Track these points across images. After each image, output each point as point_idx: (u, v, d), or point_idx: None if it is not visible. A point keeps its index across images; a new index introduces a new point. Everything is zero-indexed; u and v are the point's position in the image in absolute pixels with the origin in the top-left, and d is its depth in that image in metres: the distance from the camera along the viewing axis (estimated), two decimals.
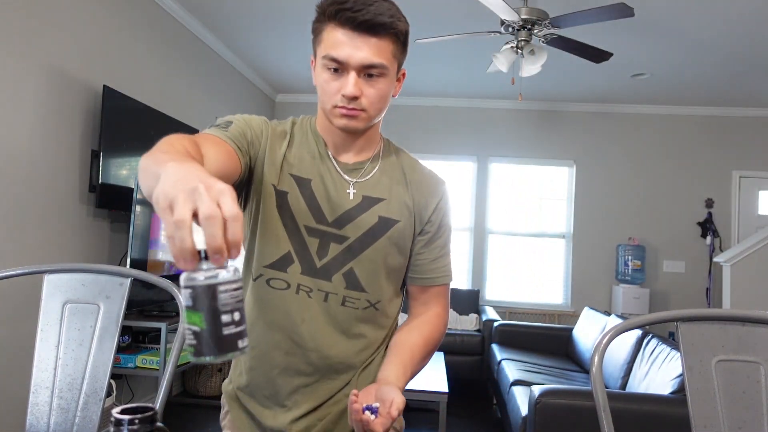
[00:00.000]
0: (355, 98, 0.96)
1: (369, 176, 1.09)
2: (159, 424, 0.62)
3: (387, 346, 1.11)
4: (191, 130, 3.83)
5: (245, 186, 1.05)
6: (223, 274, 0.56)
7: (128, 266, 2.86)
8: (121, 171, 3.07)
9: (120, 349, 2.99)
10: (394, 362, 1.03)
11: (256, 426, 1.10)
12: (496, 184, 5.73)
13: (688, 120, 5.58)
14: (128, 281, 1.13)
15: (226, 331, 0.57)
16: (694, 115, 5.57)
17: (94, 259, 3.02)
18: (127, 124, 3.12)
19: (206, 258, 0.56)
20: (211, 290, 0.56)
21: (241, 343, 0.58)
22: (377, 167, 1.10)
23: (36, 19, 2.55)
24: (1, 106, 2.39)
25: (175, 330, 2.97)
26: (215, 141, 0.95)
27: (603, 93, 5.28)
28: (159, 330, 2.97)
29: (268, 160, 1.05)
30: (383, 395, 0.92)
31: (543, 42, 3.38)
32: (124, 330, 3.09)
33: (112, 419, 0.60)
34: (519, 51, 3.29)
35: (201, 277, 0.56)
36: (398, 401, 0.89)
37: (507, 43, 3.35)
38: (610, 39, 3.86)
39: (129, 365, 2.92)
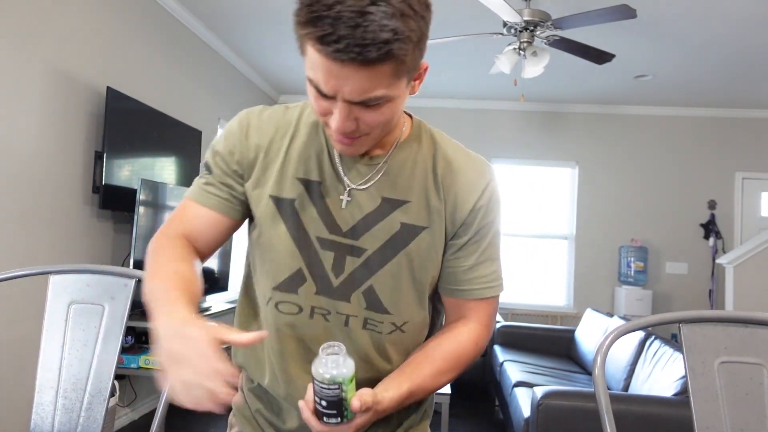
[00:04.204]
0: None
1: (379, 177, 0.89)
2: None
3: None
4: (194, 131, 3.85)
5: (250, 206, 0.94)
6: None
7: (131, 267, 2.86)
8: (124, 172, 3.08)
9: (123, 350, 3.00)
10: (393, 375, 0.88)
11: None
12: (498, 184, 5.72)
13: (690, 121, 5.57)
14: (132, 282, 1.13)
15: None
16: (696, 116, 5.56)
17: (97, 260, 3.03)
18: (130, 126, 3.13)
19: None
20: None
21: None
22: (394, 162, 0.89)
23: (39, 21, 2.56)
24: (5, 108, 2.40)
25: None
26: (197, 216, 0.92)
27: (605, 94, 5.28)
28: None
29: (263, 169, 0.91)
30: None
31: (545, 43, 3.38)
32: (128, 331, 3.09)
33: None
34: (521, 52, 3.29)
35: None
36: (363, 398, 0.76)
37: (509, 44, 3.35)
38: (613, 40, 3.86)
39: (132, 366, 2.93)
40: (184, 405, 0.68)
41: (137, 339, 3.15)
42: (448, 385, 3.01)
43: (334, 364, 0.74)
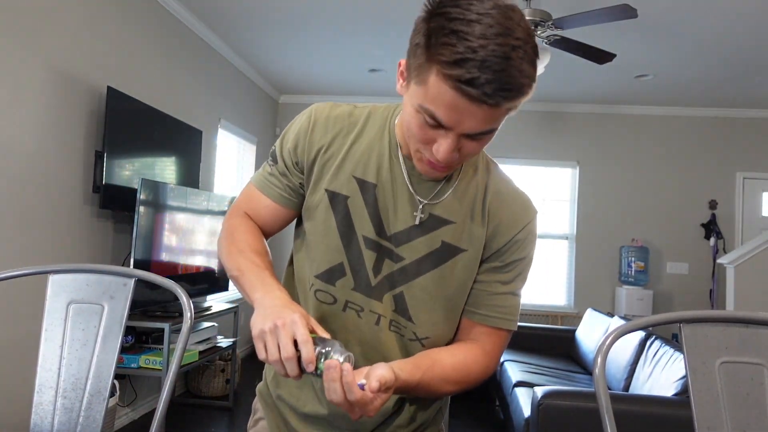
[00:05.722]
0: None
1: (444, 196, 0.91)
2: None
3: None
4: (194, 131, 3.85)
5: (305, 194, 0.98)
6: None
7: (131, 267, 2.86)
8: (124, 172, 3.08)
9: (123, 350, 3.00)
10: (407, 359, 0.87)
11: None
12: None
13: (691, 121, 5.57)
14: (132, 281, 1.13)
15: None
16: (697, 116, 5.56)
17: (97, 260, 3.03)
18: (130, 125, 3.13)
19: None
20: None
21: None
22: (455, 184, 0.92)
23: (40, 20, 2.56)
24: (5, 108, 2.40)
25: (178, 330, 2.97)
26: (260, 205, 1.00)
27: (606, 94, 5.28)
28: (162, 330, 2.98)
29: (322, 165, 0.94)
30: (372, 370, 0.78)
31: (546, 43, 3.38)
32: (128, 330, 3.09)
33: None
34: None
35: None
36: (381, 373, 0.76)
37: None
38: (614, 40, 3.85)
39: (132, 365, 2.93)
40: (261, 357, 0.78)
41: (137, 338, 3.15)
42: None
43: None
